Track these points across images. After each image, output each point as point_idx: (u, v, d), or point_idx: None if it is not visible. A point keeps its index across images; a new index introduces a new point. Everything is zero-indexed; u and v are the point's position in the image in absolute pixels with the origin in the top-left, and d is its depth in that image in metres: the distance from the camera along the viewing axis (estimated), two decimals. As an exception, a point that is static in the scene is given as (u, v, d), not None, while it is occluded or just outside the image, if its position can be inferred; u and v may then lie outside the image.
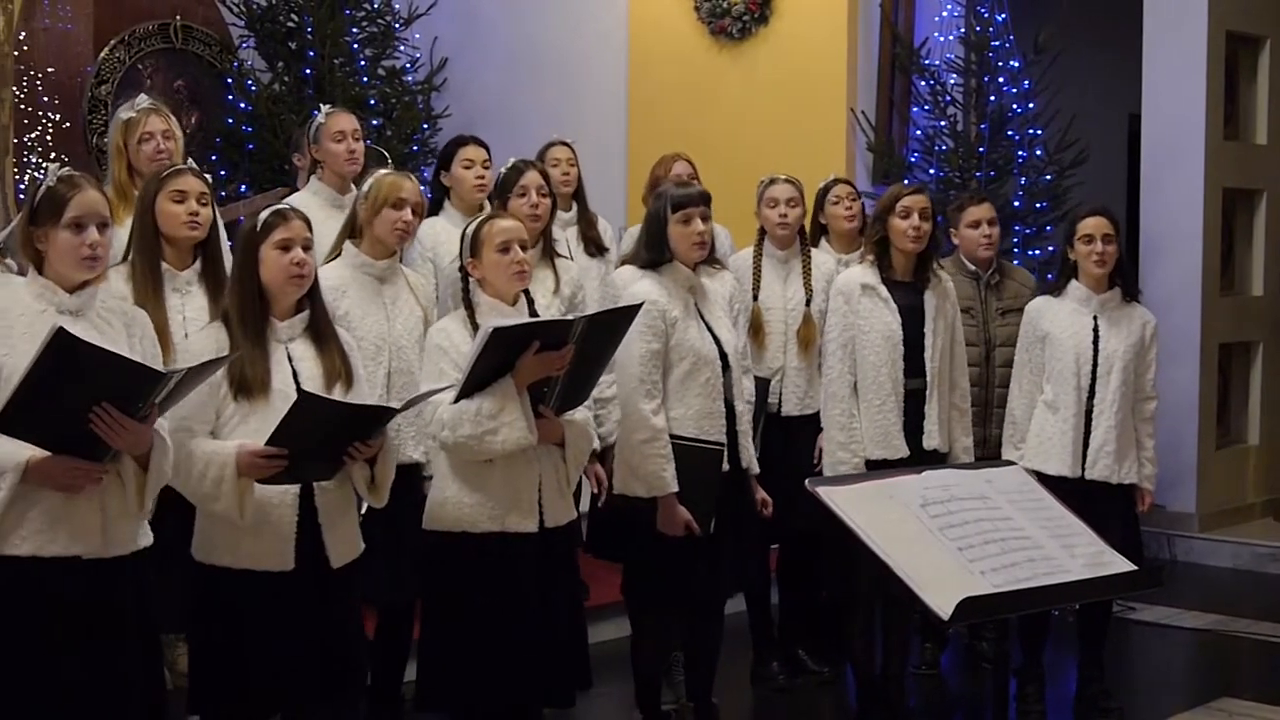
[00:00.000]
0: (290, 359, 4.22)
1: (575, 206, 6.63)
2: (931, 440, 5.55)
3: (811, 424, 5.88)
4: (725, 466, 5.17)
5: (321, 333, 4.29)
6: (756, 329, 6.01)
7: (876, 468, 5.39)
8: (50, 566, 3.73)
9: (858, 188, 6.59)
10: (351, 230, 5.20)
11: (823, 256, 6.24)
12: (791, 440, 5.93)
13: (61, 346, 3.51)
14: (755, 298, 6.05)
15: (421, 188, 5.56)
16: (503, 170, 5.79)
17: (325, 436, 4.06)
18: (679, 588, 5.21)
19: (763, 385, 5.87)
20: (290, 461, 4.03)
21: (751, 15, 9.37)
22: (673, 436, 5.09)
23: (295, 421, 3.96)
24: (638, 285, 5.20)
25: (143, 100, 5.55)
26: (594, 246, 6.53)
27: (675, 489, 5.07)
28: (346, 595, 4.30)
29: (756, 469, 5.41)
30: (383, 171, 5.31)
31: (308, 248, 4.22)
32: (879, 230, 5.64)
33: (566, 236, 6.43)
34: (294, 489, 4.17)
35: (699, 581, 5.18)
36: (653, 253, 5.24)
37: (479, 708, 4.68)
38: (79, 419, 3.63)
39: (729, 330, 5.30)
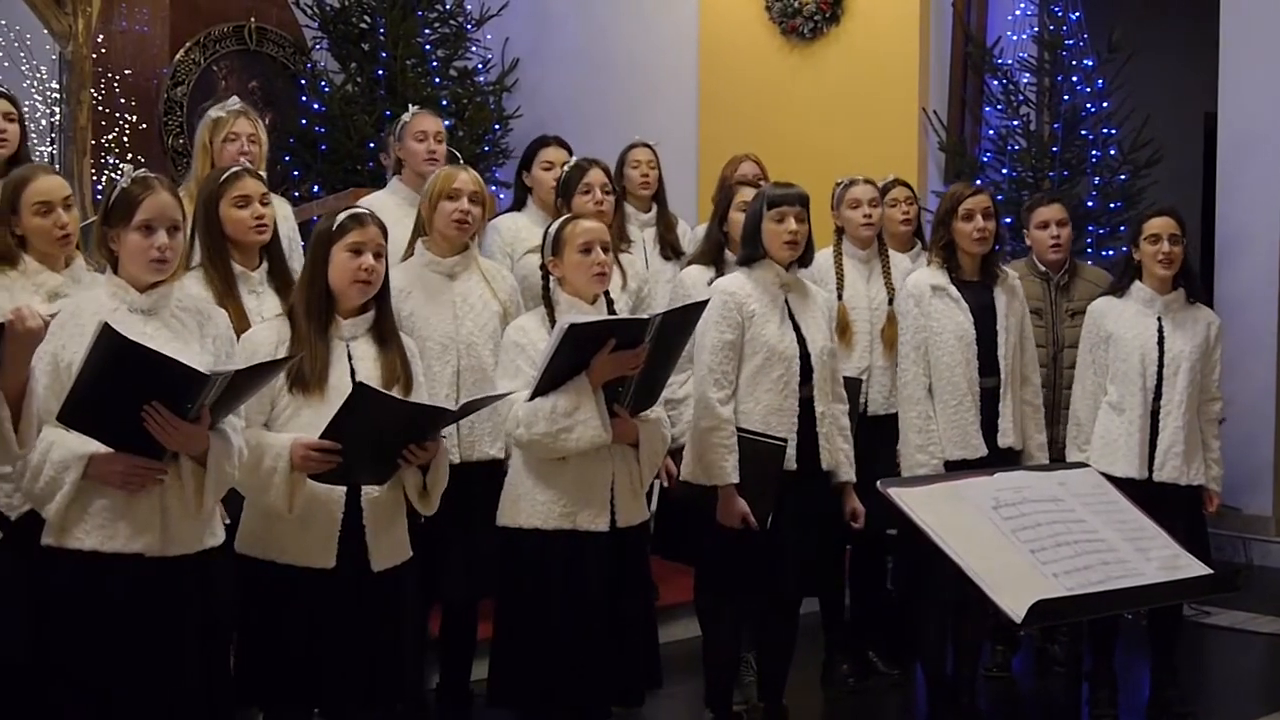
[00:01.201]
0: (350, 357, 4.24)
1: (655, 208, 6.63)
2: (1006, 438, 5.51)
3: (896, 423, 5.84)
4: (794, 465, 5.15)
5: (384, 335, 4.31)
6: (843, 329, 5.99)
7: (955, 468, 5.36)
8: (111, 562, 3.77)
9: (929, 188, 6.55)
10: (421, 230, 5.23)
11: (899, 256, 6.21)
12: (877, 439, 5.90)
13: (107, 343, 3.55)
14: (840, 297, 6.03)
15: (492, 188, 5.58)
16: (565, 169, 5.80)
17: (379, 435, 4.07)
18: (749, 587, 5.20)
19: (853, 385, 5.85)
20: (343, 458, 4.04)
21: (823, 15, 9.36)
22: (738, 429, 5.09)
23: (350, 415, 3.97)
24: (723, 279, 5.23)
25: (234, 102, 5.60)
26: (670, 250, 6.52)
27: (735, 480, 5.05)
28: (391, 599, 4.27)
29: (847, 476, 5.35)
30: (442, 167, 5.34)
31: (378, 254, 4.24)
32: (944, 234, 5.61)
33: (644, 238, 6.45)
34: (342, 489, 4.18)
35: (770, 581, 5.17)
36: (746, 248, 5.25)
37: (549, 705, 4.68)
38: (133, 416, 3.67)
39: (821, 333, 5.26)
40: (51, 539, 3.78)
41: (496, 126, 9.91)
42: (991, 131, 9.00)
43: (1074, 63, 8.69)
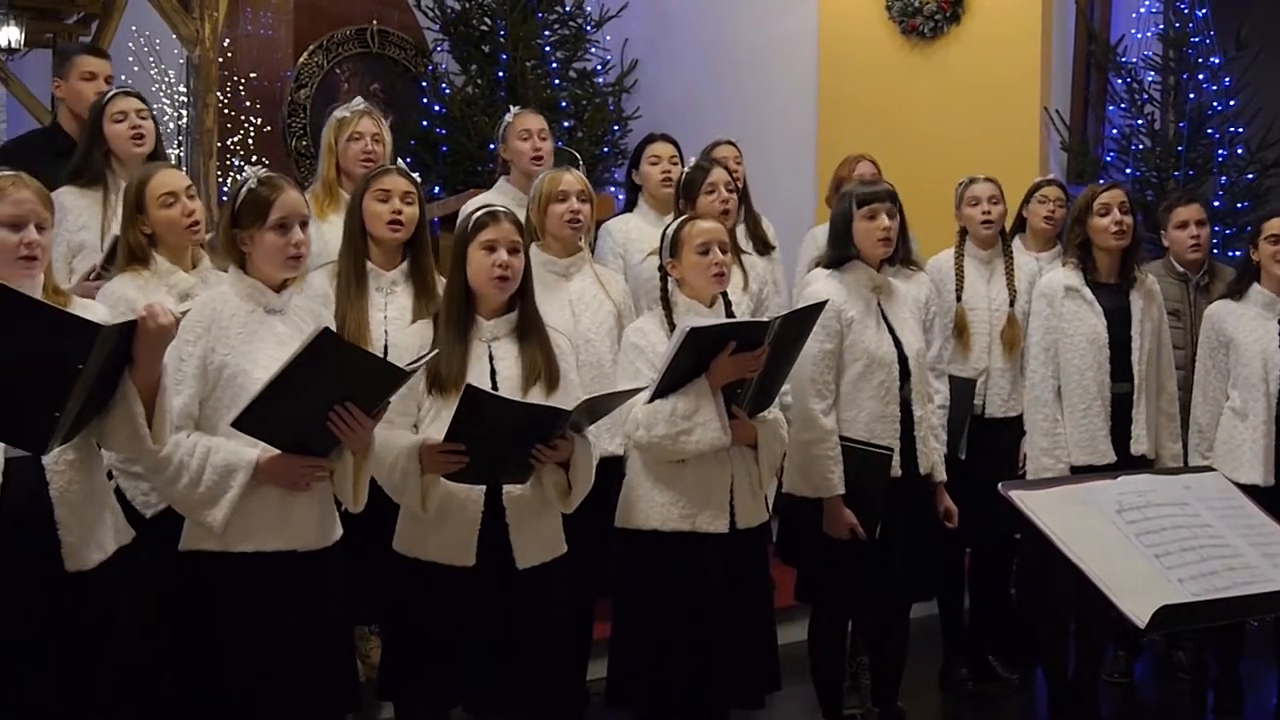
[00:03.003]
0: (491, 357, 4.27)
1: (741, 205, 6.61)
2: (1139, 446, 5.45)
3: (1015, 426, 5.79)
4: (898, 472, 5.12)
5: (527, 333, 4.32)
6: (961, 330, 5.96)
7: (1082, 473, 5.29)
8: (270, 560, 3.85)
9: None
10: (532, 233, 5.24)
11: (1024, 258, 6.15)
12: (995, 442, 5.85)
13: (324, 347, 3.62)
14: (959, 298, 5.99)
15: (611, 189, 5.59)
16: (686, 170, 5.80)
17: (502, 434, 4.08)
18: (853, 592, 5.17)
19: (968, 387, 5.81)
20: (471, 458, 4.07)
21: (943, 14, 9.28)
22: (842, 438, 5.05)
23: (463, 416, 3.99)
24: (816, 285, 5.17)
25: (358, 102, 5.67)
26: (761, 244, 6.51)
27: (841, 491, 5.03)
28: (538, 596, 4.29)
29: (941, 476, 5.34)
30: (543, 172, 5.35)
31: (514, 250, 4.26)
32: (1079, 233, 5.55)
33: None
34: (480, 488, 4.21)
35: (877, 587, 5.14)
36: (837, 250, 5.20)
37: (667, 707, 4.68)
38: (319, 417, 3.75)
39: (913, 333, 5.23)
40: (213, 544, 3.84)
41: (615, 127, 9.93)
42: (1115, 131, 8.89)
43: (1200, 60, 8.56)
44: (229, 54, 9.42)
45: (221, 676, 3.84)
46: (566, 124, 9.30)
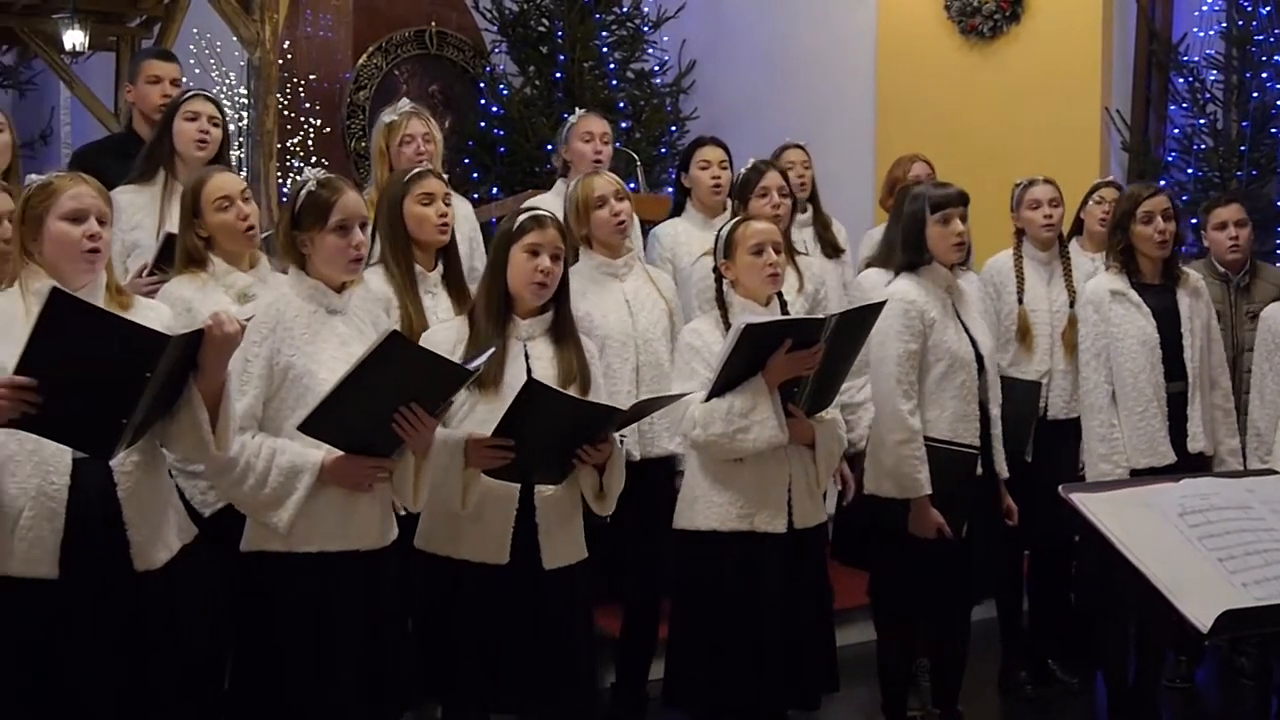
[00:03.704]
0: (527, 356, 4.27)
1: (810, 208, 6.59)
2: (1196, 443, 5.40)
3: (1078, 427, 5.73)
4: (979, 471, 5.10)
5: (562, 335, 4.33)
6: (1024, 332, 5.94)
7: (1143, 476, 5.25)
8: (334, 561, 3.87)
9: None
10: (575, 242, 5.24)
11: (1081, 259, 6.11)
12: (1058, 444, 5.81)
13: (393, 350, 3.65)
14: (1020, 300, 5.96)
15: (668, 190, 5.58)
16: (741, 171, 5.79)
17: (551, 432, 4.09)
18: (926, 594, 5.15)
19: (1033, 389, 5.79)
20: (517, 455, 4.07)
21: (1003, 14, 9.24)
22: (927, 438, 5.04)
23: (522, 410, 3.99)
24: (895, 285, 5.16)
25: (404, 104, 5.67)
26: (830, 248, 6.48)
27: (929, 491, 5.01)
28: (565, 597, 4.28)
29: (1006, 473, 5.32)
30: (574, 181, 5.35)
31: (556, 256, 4.26)
32: (1122, 238, 5.51)
33: (803, 238, 6.42)
34: (516, 486, 4.21)
35: (947, 588, 5.12)
36: (910, 254, 5.16)
37: (724, 707, 4.68)
38: (384, 418, 3.77)
39: (984, 333, 5.22)
40: (278, 545, 3.86)
41: (673, 128, 9.95)
42: (1177, 131, 8.81)
43: (1264, 59, 8.47)
44: (289, 56, 9.50)
45: (283, 676, 3.86)
46: (624, 125, 9.32)
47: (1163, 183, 7.55)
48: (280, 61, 8.54)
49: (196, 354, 3.56)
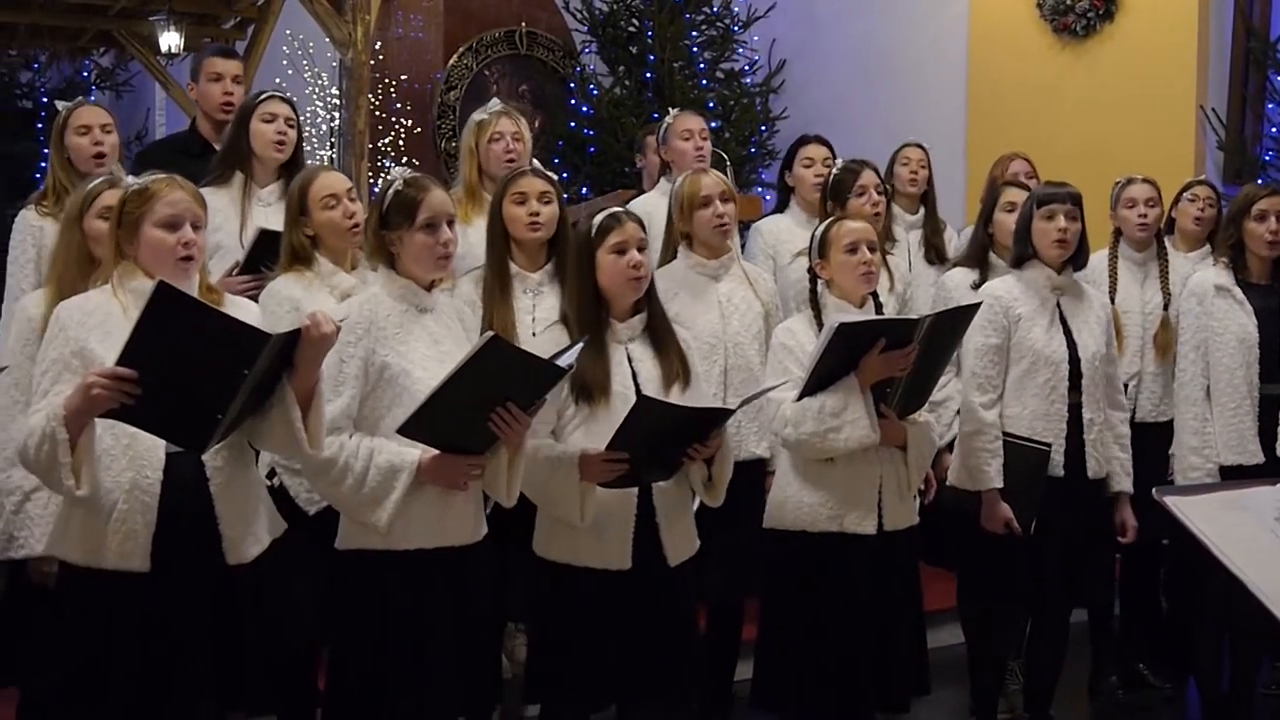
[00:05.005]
0: (630, 360, 4.27)
1: (922, 210, 6.56)
2: (1287, 446, 5.33)
3: (1166, 430, 5.67)
4: (1060, 472, 5.05)
5: (659, 333, 4.33)
6: (1114, 332, 5.88)
7: (1231, 474, 5.23)
8: (429, 558, 3.89)
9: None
10: (674, 240, 5.23)
11: (1179, 260, 6.03)
12: (1144, 446, 5.74)
13: (493, 353, 3.67)
14: (1112, 300, 5.90)
15: (758, 189, 5.57)
16: (836, 171, 5.77)
17: (663, 439, 4.10)
18: (1010, 594, 5.12)
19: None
20: (630, 464, 4.08)
21: (1096, 12, 9.16)
22: (1005, 434, 5.02)
23: (634, 425, 4.00)
24: (990, 283, 5.16)
25: (495, 104, 5.69)
26: (935, 254, 6.44)
27: (998, 485, 5.00)
28: (682, 593, 4.31)
29: (1122, 486, 5.24)
30: (680, 176, 5.34)
31: (642, 249, 4.27)
32: (1233, 233, 5.45)
33: (909, 240, 6.39)
34: (634, 491, 4.21)
35: (1032, 590, 5.08)
36: (1017, 249, 5.19)
37: (813, 710, 4.66)
38: (480, 418, 3.80)
39: (1092, 337, 5.16)
40: (376, 543, 3.88)
41: (763, 128, 9.94)
42: (1274, 129, 8.70)
43: (1364, 56, 8.36)
44: (380, 56, 9.57)
45: (378, 672, 3.88)
46: (714, 125, 9.29)
47: (1259, 182, 7.44)
48: (372, 62, 8.62)
49: (292, 353, 3.59)
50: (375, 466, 3.83)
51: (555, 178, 4.92)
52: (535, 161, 5.10)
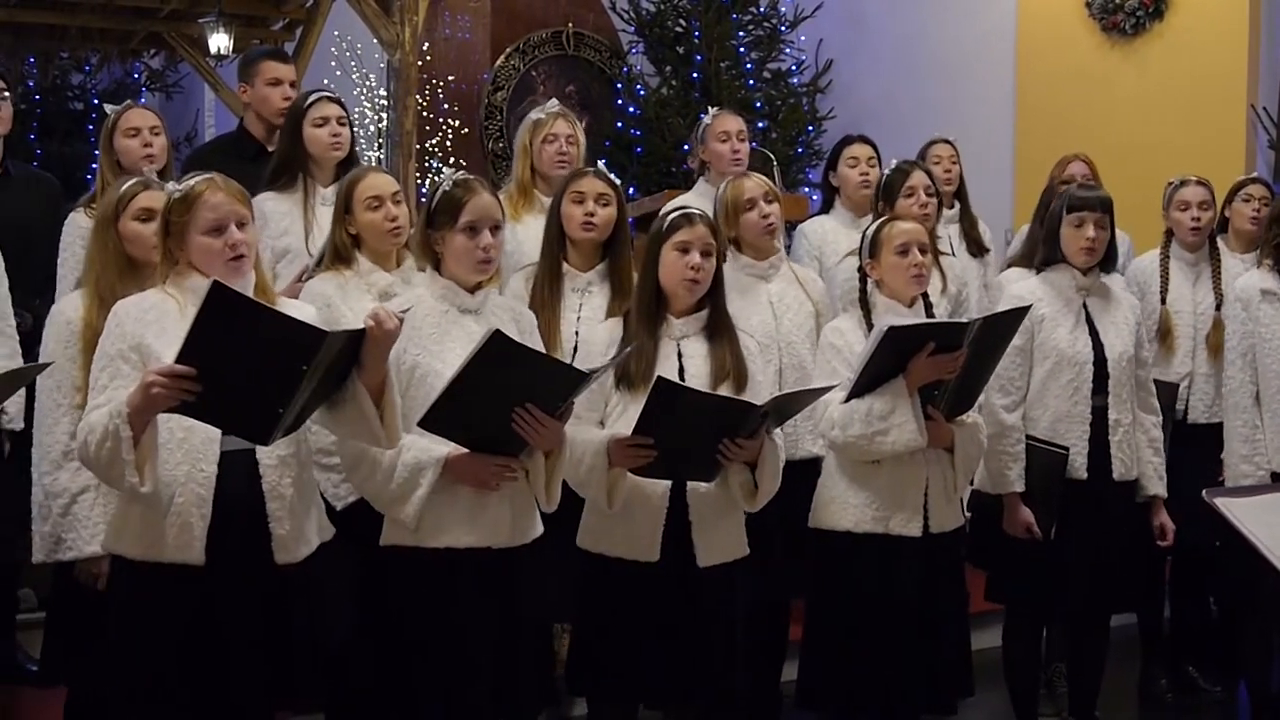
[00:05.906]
0: (680, 355, 4.29)
1: (957, 205, 6.55)
2: (1337, 452, 5.28)
3: (1218, 432, 5.63)
4: (1083, 475, 5.03)
5: (717, 332, 4.33)
6: (1165, 333, 5.85)
7: (1284, 481, 5.17)
8: (464, 557, 3.90)
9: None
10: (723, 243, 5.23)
11: (1231, 261, 5.99)
12: (1197, 448, 5.71)
13: (496, 349, 3.67)
14: (1163, 301, 5.87)
15: (805, 189, 5.56)
16: (887, 172, 5.76)
17: (691, 429, 4.08)
18: (1037, 594, 5.11)
19: (1170, 390, 5.69)
20: (659, 453, 4.08)
21: (1145, 10, 9.11)
22: (1027, 436, 5.01)
23: (655, 409, 4.00)
24: (1017, 284, 5.14)
25: (553, 104, 5.73)
26: (975, 246, 6.45)
27: (1019, 488, 5.00)
28: (719, 595, 4.28)
29: (1155, 490, 5.22)
30: (722, 183, 5.34)
31: (707, 253, 4.27)
32: (1277, 235, 5.40)
33: (948, 234, 6.37)
34: (666, 483, 4.21)
35: (1060, 590, 5.06)
36: (1044, 250, 5.18)
37: (858, 710, 4.66)
38: (503, 418, 3.80)
39: (1119, 337, 5.13)
40: (409, 539, 3.91)
41: (810, 128, 9.92)
42: (1325, 128, 8.65)
43: None
44: (428, 57, 9.60)
45: (414, 670, 3.90)
46: (761, 124, 9.31)
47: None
48: (419, 63, 8.64)
49: (359, 350, 3.62)
50: (403, 463, 3.86)
51: (618, 182, 4.94)
52: (600, 164, 5.12)
